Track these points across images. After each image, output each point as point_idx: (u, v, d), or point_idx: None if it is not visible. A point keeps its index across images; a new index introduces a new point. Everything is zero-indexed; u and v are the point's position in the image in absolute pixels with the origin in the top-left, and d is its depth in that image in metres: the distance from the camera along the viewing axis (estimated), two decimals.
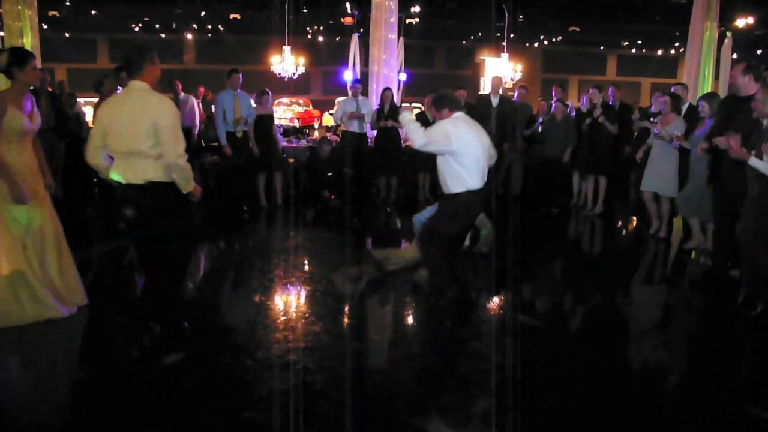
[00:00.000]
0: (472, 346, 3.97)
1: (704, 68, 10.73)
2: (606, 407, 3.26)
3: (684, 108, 7.09)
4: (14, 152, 3.92)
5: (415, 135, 4.35)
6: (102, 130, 3.64)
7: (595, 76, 23.59)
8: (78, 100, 9.38)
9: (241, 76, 7.84)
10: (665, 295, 5.51)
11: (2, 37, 11.35)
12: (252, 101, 8.18)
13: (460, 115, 4.47)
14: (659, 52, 24.41)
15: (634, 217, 8.21)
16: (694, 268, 6.08)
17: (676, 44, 21.61)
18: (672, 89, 7.32)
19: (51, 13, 17.15)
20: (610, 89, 8.58)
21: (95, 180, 9.34)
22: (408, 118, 4.49)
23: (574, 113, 8.60)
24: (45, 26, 15.66)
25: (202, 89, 10.70)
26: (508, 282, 5.24)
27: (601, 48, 24.89)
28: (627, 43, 23.94)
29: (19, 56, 3.92)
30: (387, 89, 8.90)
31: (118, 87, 5.81)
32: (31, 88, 4.22)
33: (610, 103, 8.40)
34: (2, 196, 3.89)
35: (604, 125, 7.89)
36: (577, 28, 20.59)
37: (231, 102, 7.70)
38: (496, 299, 4.93)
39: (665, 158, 6.72)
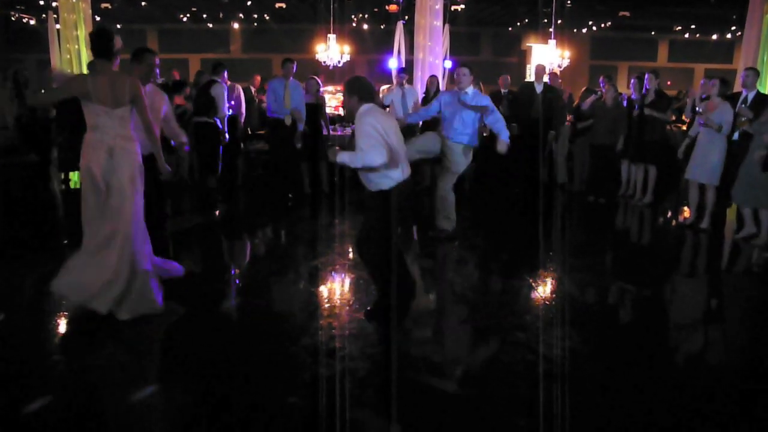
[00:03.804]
0: (517, 336, 3.94)
1: (763, 53, 10.24)
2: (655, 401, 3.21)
3: (751, 95, 6.77)
4: None
5: (354, 159, 3.78)
6: None
7: (646, 62, 22.81)
8: None
9: (295, 65, 7.92)
10: (716, 288, 5.34)
11: (58, 29, 11.75)
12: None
13: (370, 106, 3.90)
14: (714, 37, 23.46)
15: (685, 208, 7.97)
16: (754, 260, 5.86)
17: (733, 28, 20.75)
18: (743, 74, 6.99)
19: (103, 5, 17.58)
20: (646, 75, 8.08)
21: None
22: (340, 156, 3.87)
23: (625, 103, 8.31)
24: (98, 18, 16.07)
25: (258, 78, 10.80)
26: (544, 270, 5.17)
27: (652, 33, 24.05)
28: (679, 27, 23.07)
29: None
30: (432, 76, 9.00)
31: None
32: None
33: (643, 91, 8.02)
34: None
35: (653, 114, 7.63)
36: (627, 13, 19.97)
37: (281, 90, 7.79)
38: (539, 288, 4.88)
39: (712, 146, 6.49)
